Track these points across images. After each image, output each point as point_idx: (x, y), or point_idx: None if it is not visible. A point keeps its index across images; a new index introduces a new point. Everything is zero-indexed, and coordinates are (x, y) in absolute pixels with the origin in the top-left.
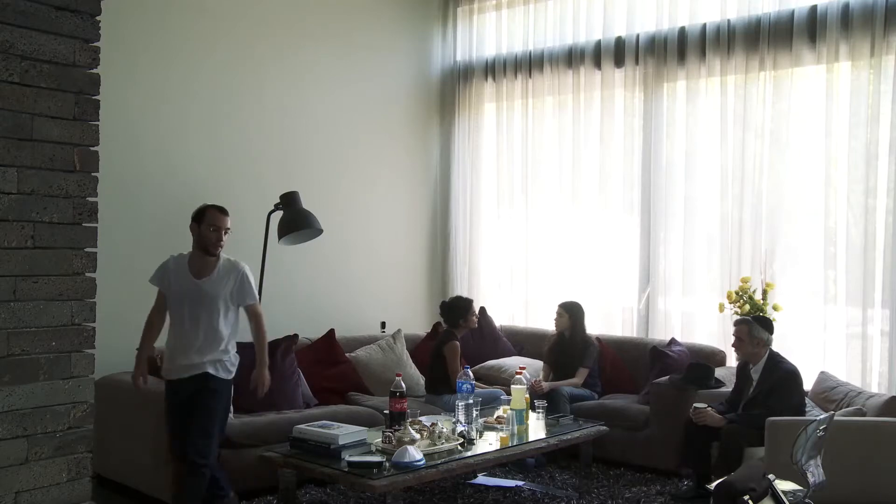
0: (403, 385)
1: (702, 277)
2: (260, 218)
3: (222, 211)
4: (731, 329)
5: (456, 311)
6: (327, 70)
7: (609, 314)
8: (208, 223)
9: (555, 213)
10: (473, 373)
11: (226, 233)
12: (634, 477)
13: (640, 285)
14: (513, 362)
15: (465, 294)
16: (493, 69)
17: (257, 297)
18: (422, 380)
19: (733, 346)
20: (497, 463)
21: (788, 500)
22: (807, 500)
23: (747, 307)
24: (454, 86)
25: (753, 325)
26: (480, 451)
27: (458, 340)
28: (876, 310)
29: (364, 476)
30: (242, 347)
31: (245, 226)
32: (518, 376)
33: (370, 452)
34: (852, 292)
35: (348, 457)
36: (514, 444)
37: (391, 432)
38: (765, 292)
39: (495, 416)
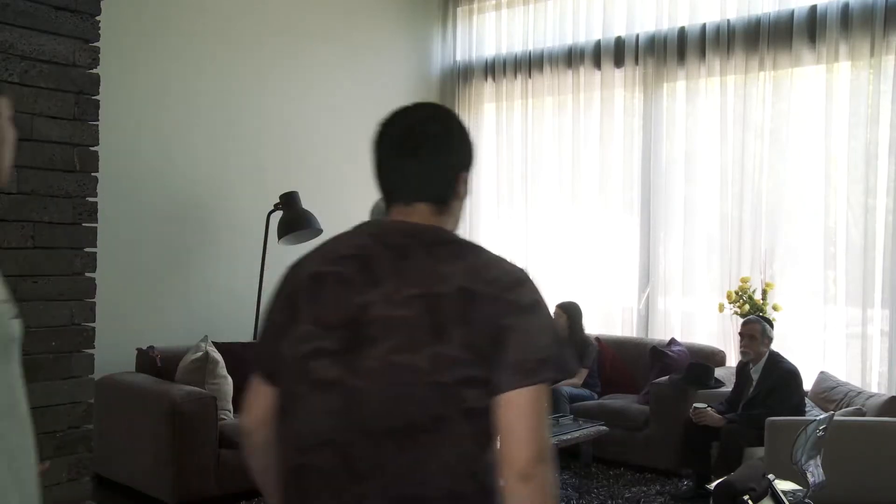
0: None
1: (702, 277)
2: (260, 218)
3: None
4: (732, 329)
5: None
6: (327, 70)
7: (609, 314)
8: None
9: (555, 213)
10: None
11: None
12: (634, 477)
13: (640, 285)
14: None
15: None
16: (493, 69)
17: None
18: None
19: (743, 344)
20: None
21: (788, 500)
22: (807, 500)
23: (747, 307)
24: (454, 86)
25: (764, 324)
26: None
27: None
28: (876, 310)
29: None
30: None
31: (245, 226)
32: None
33: None
34: (852, 292)
35: None
36: None
37: None
38: (765, 292)
39: None
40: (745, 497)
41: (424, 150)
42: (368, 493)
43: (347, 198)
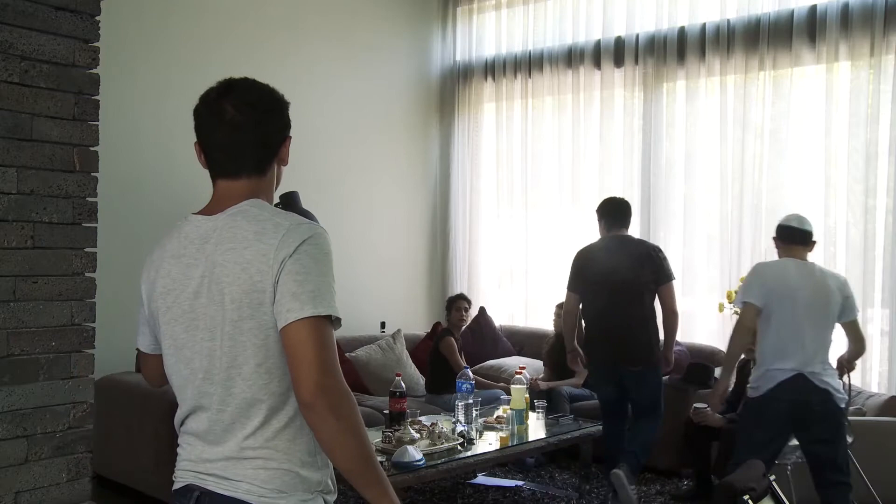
0: (403, 385)
1: (702, 277)
2: None
3: None
4: (731, 329)
5: (447, 304)
6: (327, 70)
7: None
8: None
9: (554, 213)
10: (473, 373)
11: None
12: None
13: None
14: (513, 362)
15: (466, 293)
16: (493, 69)
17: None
18: (422, 380)
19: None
20: (497, 463)
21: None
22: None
23: None
24: (454, 86)
25: None
26: (480, 450)
27: (454, 337)
28: (876, 310)
29: None
30: None
31: None
32: (518, 376)
33: None
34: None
35: None
36: (514, 443)
37: (391, 432)
38: None
39: (495, 416)
40: (746, 497)
41: (623, 209)
42: (616, 315)
43: (347, 198)
